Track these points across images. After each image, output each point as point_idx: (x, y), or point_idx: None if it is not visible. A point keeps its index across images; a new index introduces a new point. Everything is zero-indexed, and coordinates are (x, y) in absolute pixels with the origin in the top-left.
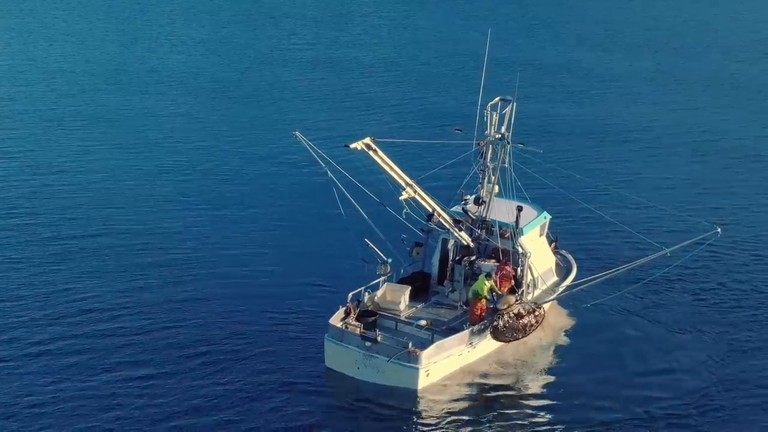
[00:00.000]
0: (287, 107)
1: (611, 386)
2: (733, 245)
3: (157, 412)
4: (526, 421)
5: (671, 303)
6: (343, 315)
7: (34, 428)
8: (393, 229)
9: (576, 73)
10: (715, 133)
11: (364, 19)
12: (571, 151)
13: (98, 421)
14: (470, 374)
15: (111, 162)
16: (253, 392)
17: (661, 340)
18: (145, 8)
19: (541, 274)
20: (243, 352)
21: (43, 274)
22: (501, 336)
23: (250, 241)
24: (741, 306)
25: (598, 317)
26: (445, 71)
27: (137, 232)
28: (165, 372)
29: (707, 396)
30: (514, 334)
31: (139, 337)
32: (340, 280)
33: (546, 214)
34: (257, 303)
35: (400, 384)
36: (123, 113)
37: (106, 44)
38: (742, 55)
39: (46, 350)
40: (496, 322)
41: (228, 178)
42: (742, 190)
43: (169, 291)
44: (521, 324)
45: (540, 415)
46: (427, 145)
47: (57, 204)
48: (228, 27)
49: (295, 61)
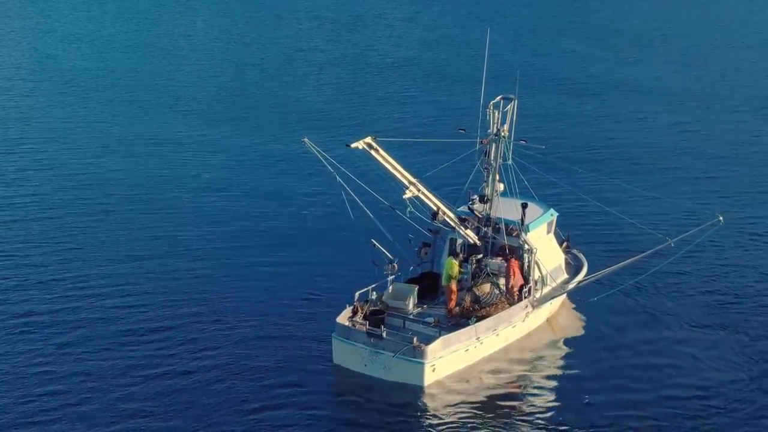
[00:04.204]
0: (294, 107)
1: (617, 381)
2: (736, 233)
3: (166, 407)
4: (533, 416)
5: (677, 295)
6: (351, 314)
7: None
8: (401, 230)
9: (578, 70)
10: (715, 124)
11: (368, 21)
12: (573, 147)
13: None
14: (477, 370)
15: (117, 163)
16: (262, 389)
17: (668, 334)
18: (151, 11)
19: (550, 271)
20: (253, 350)
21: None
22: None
23: (259, 242)
24: (746, 294)
25: (604, 311)
26: (448, 70)
27: (146, 233)
28: (174, 369)
29: (719, 394)
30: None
31: (149, 333)
32: (348, 281)
33: (553, 211)
34: (267, 303)
35: (406, 380)
36: (126, 112)
37: (119, 44)
38: (744, 49)
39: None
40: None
41: (237, 181)
42: (743, 177)
43: (174, 292)
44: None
45: (546, 411)
46: (431, 145)
47: (62, 200)
48: (237, 28)
49: (298, 62)
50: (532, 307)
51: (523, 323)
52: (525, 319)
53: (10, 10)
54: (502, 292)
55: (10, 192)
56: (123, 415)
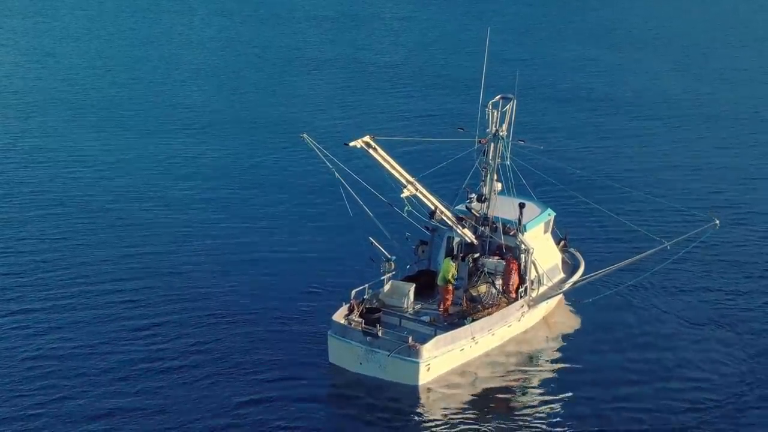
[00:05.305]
0: (293, 106)
1: (613, 379)
2: (733, 234)
3: (158, 401)
4: (528, 416)
5: (673, 295)
6: (347, 312)
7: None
8: (399, 228)
9: (577, 70)
10: (715, 124)
11: (368, 20)
12: (571, 147)
13: (98, 415)
14: (472, 369)
15: (116, 158)
16: (257, 386)
17: (664, 334)
18: (155, 9)
19: (547, 271)
20: (248, 348)
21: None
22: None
23: (257, 239)
24: (742, 294)
25: (600, 312)
26: (447, 69)
27: (144, 227)
28: (169, 366)
29: (714, 390)
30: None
31: (141, 328)
32: (344, 278)
33: (550, 211)
34: (263, 300)
35: (401, 379)
36: (126, 111)
37: (121, 40)
38: (744, 49)
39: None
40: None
41: (235, 177)
42: (739, 181)
43: (173, 287)
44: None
45: (541, 410)
46: (430, 144)
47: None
48: (235, 26)
49: (299, 61)
50: (528, 306)
51: (519, 322)
52: (521, 319)
53: (9, 10)
54: (500, 292)
55: (9, 190)
56: (115, 408)
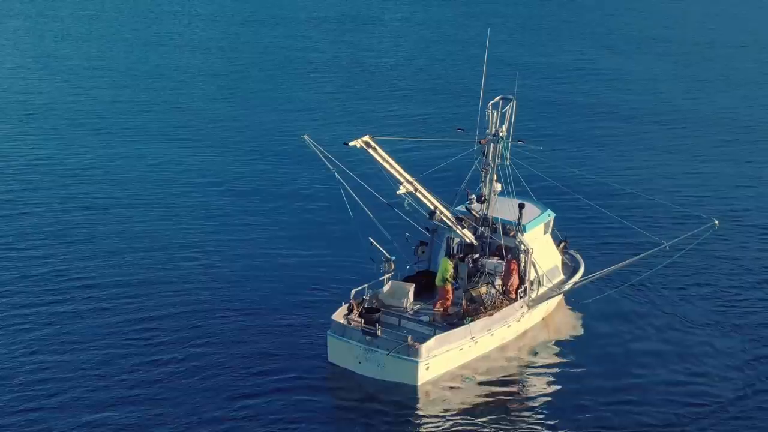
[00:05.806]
0: (293, 107)
1: (612, 379)
2: (731, 234)
3: (155, 397)
4: (526, 416)
5: (672, 297)
6: (346, 311)
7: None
8: (399, 228)
9: (577, 70)
10: (710, 124)
11: (368, 21)
12: (571, 148)
13: (97, 408)
14: (471, 369)
15: (117, 158)
16: (255, 384)
17: (663, 335)
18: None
19: (546, 271)
20: (248, 347)
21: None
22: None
23: (256, 237)
24: (741, 294)
25: (599, 313)
26: (448, 70)
27: (144, 226)
28: (166, 360)
29: (713, 391)
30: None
31: (140, 323)
32: (345, 278)
33: (550, 212)
34: (263, 300)
35: (400, 378)
36: (124, 109)
37: (122, 42)
38: (743, 48)
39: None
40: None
41: (235, 177)
42: (738, 181)
43: (172, 285)
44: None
45: (540, 410)
46: (430, 144)
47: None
48: (235, 26)
49: (299, 63)
50: (527, 306)
51: (519, 323)
52: (520, 319)
53: (10, 10)
54: (499, 292)
55: (9, 187)
56: (114, 401)
